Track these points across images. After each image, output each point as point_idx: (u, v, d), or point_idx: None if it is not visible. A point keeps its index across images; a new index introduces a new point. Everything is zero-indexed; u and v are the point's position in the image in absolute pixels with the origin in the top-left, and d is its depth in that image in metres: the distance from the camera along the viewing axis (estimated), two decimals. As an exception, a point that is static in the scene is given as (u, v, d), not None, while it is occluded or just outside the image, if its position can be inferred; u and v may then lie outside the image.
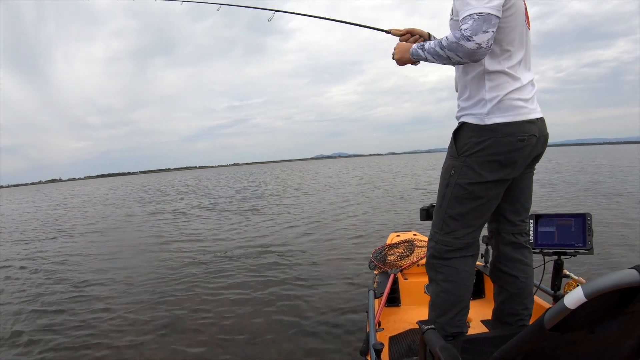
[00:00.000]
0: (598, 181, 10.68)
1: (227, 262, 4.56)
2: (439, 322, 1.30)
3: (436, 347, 0.90)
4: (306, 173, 29.32)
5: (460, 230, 1.30)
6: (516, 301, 1.41)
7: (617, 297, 0.62)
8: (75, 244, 6.74)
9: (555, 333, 0.66)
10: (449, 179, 1.30)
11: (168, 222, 8.43)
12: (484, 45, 1.08)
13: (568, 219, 1.51)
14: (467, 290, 1.32)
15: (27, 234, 8.38)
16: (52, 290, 4.00)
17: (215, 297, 3.39)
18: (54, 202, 19.44)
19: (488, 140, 1.20)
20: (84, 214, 11.99)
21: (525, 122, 1.21)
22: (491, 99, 1.20)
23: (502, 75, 1.20)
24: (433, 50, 1.20)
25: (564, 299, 0.63)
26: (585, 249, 1.47)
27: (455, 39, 1.10)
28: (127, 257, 5.37)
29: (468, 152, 1.24)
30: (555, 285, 1.59)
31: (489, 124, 1.20)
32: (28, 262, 5.45)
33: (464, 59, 1.13)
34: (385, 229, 5.78)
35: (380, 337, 1.67)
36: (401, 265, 2.25)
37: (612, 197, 7.58)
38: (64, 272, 4.74)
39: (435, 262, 1.33)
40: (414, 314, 1.95)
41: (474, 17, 1.07)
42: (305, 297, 3.23)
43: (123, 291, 3.78)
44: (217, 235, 6.39)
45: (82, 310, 3.34)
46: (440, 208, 1.33)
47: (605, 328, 0.67)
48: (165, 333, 2.74)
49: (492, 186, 1.26)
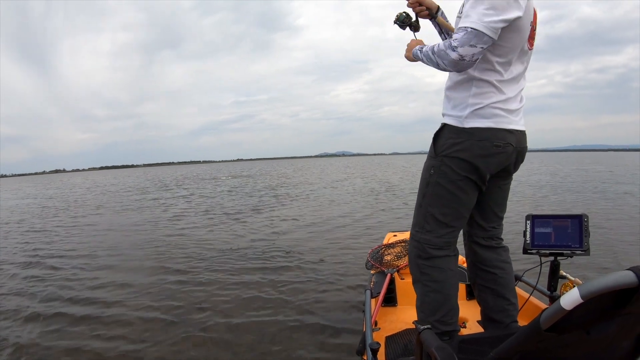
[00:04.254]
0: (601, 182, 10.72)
1: (225, 259, 4.54)
2: (430, 321, 1.31)
3: (432, 346, 0.90)
4: (307, 171, 29.39)
5: (440, 229, 1.32)
6: (499, 297, 1.45)
7: (613, 299, 0.62)
8: (79, 236, 6.71)
9: (551, 334, 0.66)
10: (428, 178, 1.34)
11: (170, 218, 8.35)
12: (467, 58, 1.12)
13: (565, 220, 1.52)
14: (453, 289, 1.35)
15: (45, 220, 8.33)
16: (49, 284, 3.98)
17: (210, 295, 3.37)
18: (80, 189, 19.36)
19: (465, 142, 1.25)
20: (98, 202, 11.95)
21: (503, 130, 1.24)
22: (473, 104, 1.25)
23: (490, 85, 1.24)
24: (427, 54, 1.24)
25: (560, 299, 0.63)
26: (581, 250, 1.47)
27: (444, 47, 1.15)
28: (127, 250, 5.32)
29: (445, 152, 1.28)
30: (551, 286, 1.59)
31: (467, 127, 1.24)
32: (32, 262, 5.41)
33: (448, 67, 1.18)
34: (383, 227, 5.78)
35: (377, 336, 1.67)
36: (398, 265, 2.25)
37: (615, 199, 7.59)
38: (65, 265, 4.71)
39: (420, 263, 1.35)
40: (410, 314, 1.95)
41: (467, 30, 1.11)
42: (302, 296, 3.23)
43: (125, 285, 3.74)
44: (214, 233, 6.36)
45: (83, 305, 3.30)
46: (420, 207, 1.36)
47: (602, 329, 0.67)
48: (168, 330, 2.72)
49: (468, 186, 1.29)
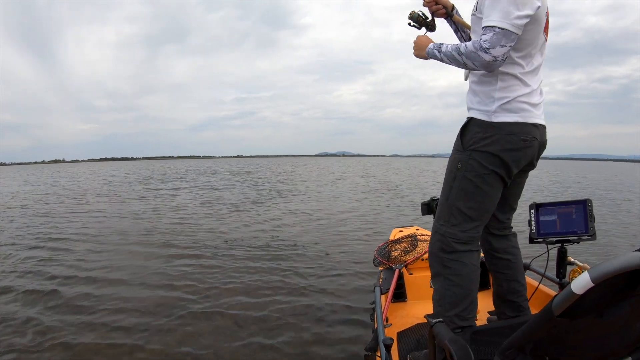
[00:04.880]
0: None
1: (230, 253, 4.52)
2: (448, 315, 1.30)
3: (445, 339, 0.91)
4: (307, 169, 29.30)
5: (466, 223, 1.32)
6: (512, 280, 1.51)
7: (624, 281, 0.62)
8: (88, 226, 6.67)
9: (564, 319, 0.67)
10: (455, 172, 1.33)
11: (174, 212, 8.24)
12: (499, 58, 1.14)
13: (569, 206, 1.52)
14: (474, 284, 1.34)
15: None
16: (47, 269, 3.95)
17: (210, 289, 3.36)
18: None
19: (493, 136, 1.25)
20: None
21: (529, 124, 1.26)
22: (500, 98, 1.25)
23: (514, 78, 1.25)
24: (450, 54, 1.24)
25: (570, 284, 0.63)
26: (588, 235, 1.48)
27: (474, 49, 1.16)
28: (130, 245, 5.28)
29: (474, 147, 1.28)
30: (560, 273, 1.59)
31: (495, 122, 1.25)
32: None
33: (480, 68, 1.20)
34: (389, 224, 5.77)
35: (389, 332, 1.67)
36: (405, 260, 2.25)
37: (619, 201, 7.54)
38: (67, 255, 4.68)
39: (443, 256, 1.34)
40: (420, 308, 1.95)
41: (495, 30, 1.13)
42: (308, 294, 3.22)
43: (125, 283, 3.69)
44: (219, 226, 6.32)
45: (84, 298, 3.25)
46: (447, 201, 1.36)
47: (614, 312, 0.67)
48: (173, 323, 2.71)
49: (495, 180, 1.30)
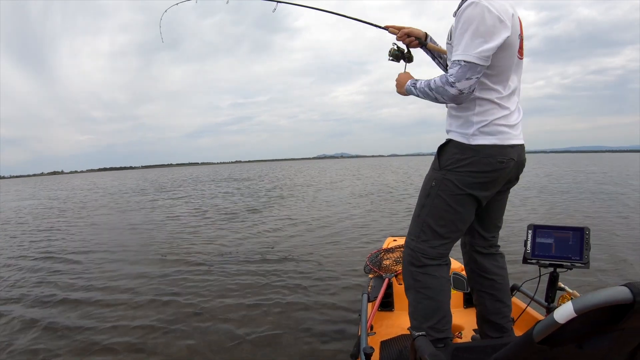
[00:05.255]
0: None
1: (226, 261, 4.54)
2: (422, 328, 1.32)
3: (426, 354, 0.90)
4: (306, 173, 29.35)
5: (435, 240, 1.36)
6: (497, 301, 1.50)
7: (608, 314, 0.61)
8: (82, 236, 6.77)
9: (543, 346, 0.66)
10: (429, 190, 1.37)
11: (172, 219, 8.40)
12: (465, 91, 1.18)
13: (566, 231, 1.51)
14: (446, 296, 1.38)
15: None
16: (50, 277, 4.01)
17: (205, 296, 3.36)
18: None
19: (470, 158, 1.28)
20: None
21: (507, 146, 1.28)
22: (478, 122, 1.28)
23: (491, 103, 1.28)
24: (423, 90, 1.30)
25: (554, 313, 0.63)
26: (581, 262, 1.47)
27: (441, 84, 1.21)
28: (130, 252, 5.37)
29: (450, 167, 1.32)
30: (549, 297, 1.58)
31: (473, 144, 1.28)
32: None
33: (448, 101, 1.26)
34: (384, 232, 5.76)
35: (372, 341, 1.66)
36: (396, 270, 2.24)
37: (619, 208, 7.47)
38: (69, 261, 4.75)
39: (413, 270, 1.38)
40: (406, 320, 1.93)
41: (460, 64, 1.16)
42: (298, 298, 3.23)
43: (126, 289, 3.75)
44: (216, 238, 6.27)
45: (85, 304, 3.32)
46: (418, 217, 1.40)
47: (595, 344, 0.67)
48: (168, 333, 2.68)
49: (468, 202, 1.33)
